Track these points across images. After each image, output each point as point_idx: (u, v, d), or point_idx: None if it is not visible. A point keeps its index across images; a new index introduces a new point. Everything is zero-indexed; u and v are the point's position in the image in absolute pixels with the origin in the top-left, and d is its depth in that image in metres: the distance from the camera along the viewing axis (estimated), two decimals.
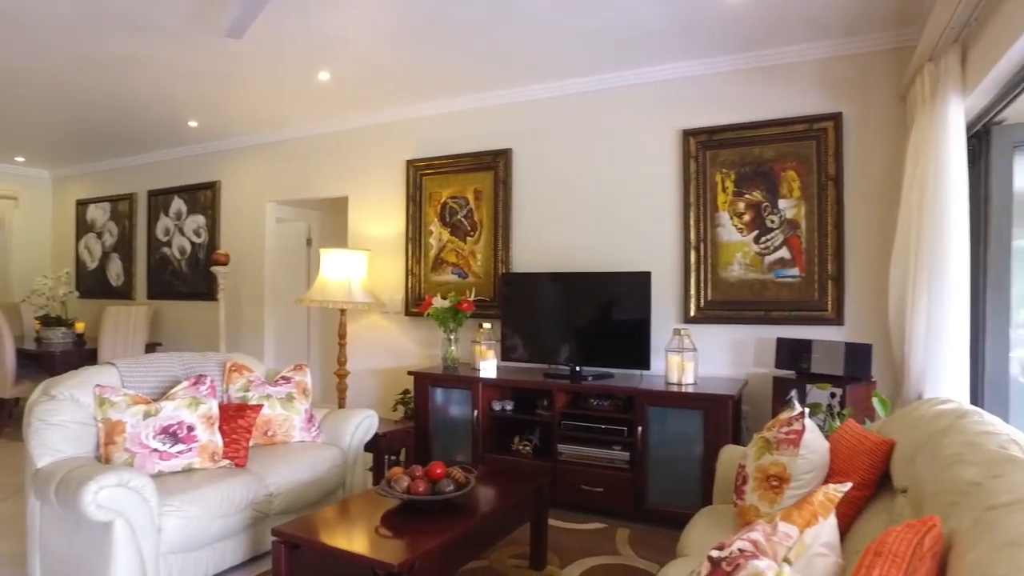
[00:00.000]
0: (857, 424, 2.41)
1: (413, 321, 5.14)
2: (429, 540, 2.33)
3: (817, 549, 1.37)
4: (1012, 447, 1.59)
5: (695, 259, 4.05)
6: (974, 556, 1.18)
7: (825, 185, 3.75)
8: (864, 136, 3.71)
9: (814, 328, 3.75)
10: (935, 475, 1.72)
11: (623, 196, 4.34)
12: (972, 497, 1.43)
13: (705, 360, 3.99)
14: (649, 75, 4.24)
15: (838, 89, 3.77)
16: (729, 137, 3.99)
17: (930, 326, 2.97)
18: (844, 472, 2.22)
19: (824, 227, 3.75)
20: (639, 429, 3.66)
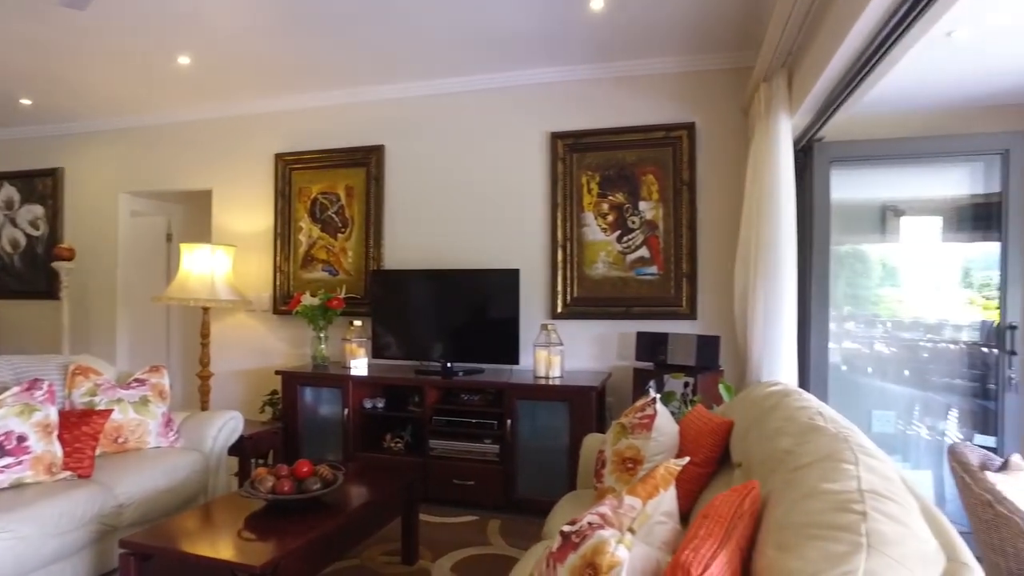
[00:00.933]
0: (704, 408, 2.64)
1: (282, 319, 4.97)
2: (294, 539, 2.29)
3: (658, 518, 1.51)
4: (817, 418, 1.82)
5: (562, 257, 4.23)
6: (780, 510, 1.34)
7: (680, 189, 4.05)
8: (714, 145, 4.05)
9: (671, 322, 4.03)
10: (761, 447, 1.93)
11: (494, 195, 4.45)
12: (784, 462, 1.62)
13: (572, 354, 4.18)
14: (520, 78, 4.37)
15: (692, 101, 4.09)
16: (595, 141, 4.21)
17: (766, 319, 3.29)
18: (691, 451, 2.42)
19: (680, 228, 4.04)
20: (508, 422, 3.77)
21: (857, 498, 1.24)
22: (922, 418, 3.92)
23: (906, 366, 3.87)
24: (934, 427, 3.88)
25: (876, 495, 1.26)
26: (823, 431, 1.70)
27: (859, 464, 1.41)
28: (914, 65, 3.05)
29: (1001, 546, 2.16)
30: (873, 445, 1.67)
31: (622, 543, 1.27)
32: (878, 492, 1.28)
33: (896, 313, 3.94)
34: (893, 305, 3.96)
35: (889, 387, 3.88)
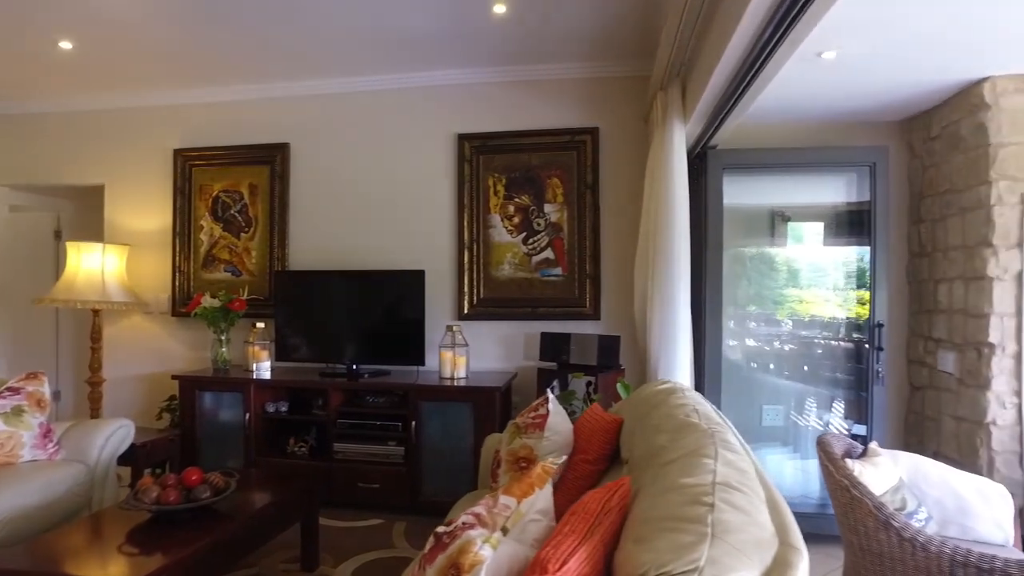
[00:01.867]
0: (600, 408, 2.72)
1: (181, 322, 4.76)
2: (179, 550, 2.21)
3: (532, 516, 1.55)
4: (692, 415, 1.92)
5: (469, 258, 4.26)
6: (644, 503, 1.42)
7: (584, 192, 4.15)
8: (617, 150, 4.18)
9: (575, 323, 4.13)
10: (643, 443, 2.01)
11: (402, 196, 4.42)
12: (657, 457, 1.70)
13: (479, 355, 4.21)
14: (428, 79, 4.36)
15: (596, 106, 4.20)
16: (501, 143, 4.26)
17: (663, 319, 3.43)
18: (585, 449, 2.49)
19: (583, 231, 4.15)
20: (413, 424, 3.76)
21: (709, 491, 1.32)
22: (811, 411, 4.18)
23: (799, 362, 4.12)
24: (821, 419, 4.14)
25: (727, 487, 1.35)
26: (695, 428, 1.80)
27: (718, 459, 1.50)
28: (795, 81, 3.25)
29: (855, 526, 2.34)
30: (738, 440, 1.78)
31: (488, 542, 1.30)
32: (730, 484, 1.37)
33: (796, 312, 4.19)
34: (795, 305, 4.20)
35: (783, 383, 4.12)
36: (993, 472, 3.20)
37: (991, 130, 3.20)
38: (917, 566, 2.23)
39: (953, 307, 3.53)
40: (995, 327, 3.21)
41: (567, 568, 1.20)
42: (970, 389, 3.36)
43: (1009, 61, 3.06)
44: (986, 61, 3.07)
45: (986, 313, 3.23)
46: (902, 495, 2.54)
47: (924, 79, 3.29)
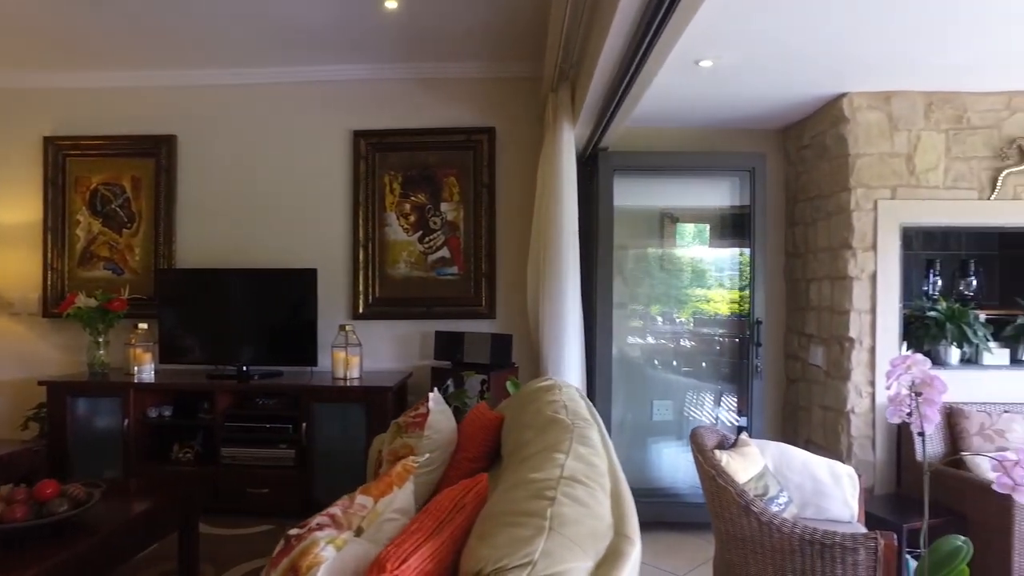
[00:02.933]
0: (485, 405, 2.75)
1: (54, 324, 4.45)
2: (25, 571, 2.06)
3: (389, 515, 1.55)
4: (561, 412, 1.97)
5: (364, 257, 4.20)
6: (493, 499, 1.44)
7: (481, 192, 4.17)
8: (513, 150, 4.22)
9: (471, 322, 4.15)
10: (514, 438, 2.05)
11: (296, 193, 4.31)
12: (519, 453, 1.74)
13: (374, 354, 4.16)
14: (324, 74, 4.26)
15: (492, 106, 4.23)
16: (398, 141, 4.22)
17: (553, 317, 3.49)
18: (467, 448, 2.50)
19: (479, 230, 4.17)
20: (304, 426, 3.67)
21: (553, 485, 1.36)
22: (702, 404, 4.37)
23: (691, 358, 4.29)
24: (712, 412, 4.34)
25: (572, 481, 1.39)
26: (559, 424, 1.85)
27: (570, 454, 1.54)
28: (678, 87, 3.39)
29: (722, 512, 2.48)
30: (600, 436, 1.84)
31: (333, 543, 1.29)
32: (575, 478, 1.41)
33: (689, 310, 4.36)
34: (689, 303, 4.37)
35: (675, 378, 4.29)
36: (851, 456, 3.46)
37: (850, 142, 3.45)
38: (774, 547, 2.38)
39: (821, 305, 3.78)
40: (854, 323, 3.47)
41: (407, 566, 1.21)
42: (834, 381, 3.61)
43: (862, 79, 3.31)
44: (844, 78, 3.30)
45: (847, 310, 3.48)
46: (765, 482, 2.70)
47: (795, 92, 3.50)
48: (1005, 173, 3.47)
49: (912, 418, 1.94)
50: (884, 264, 3.45)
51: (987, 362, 3.55)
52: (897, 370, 1.91)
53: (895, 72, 3.22)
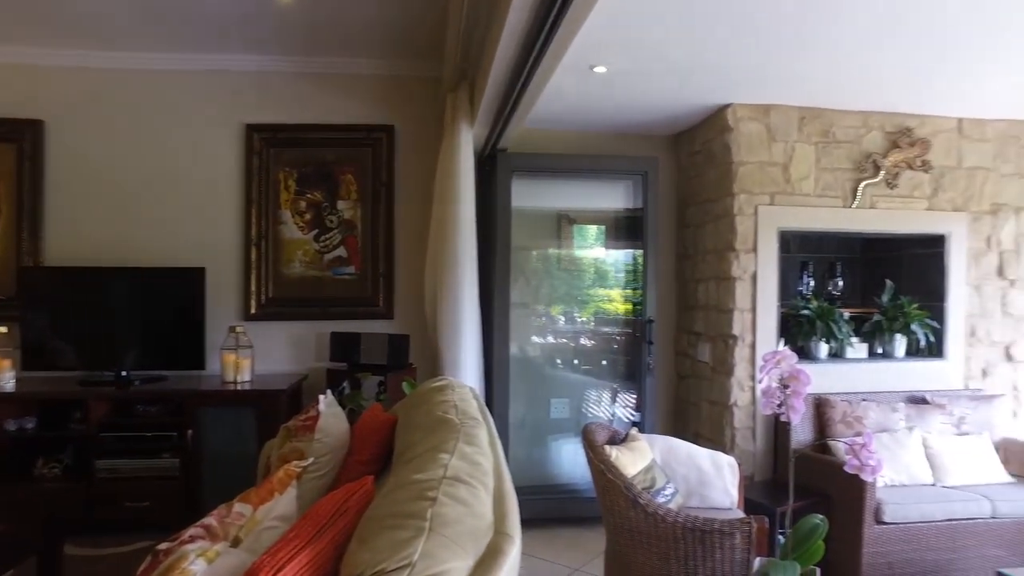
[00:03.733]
0: (379, 407, 2.71)
1: None
2: None
3: (269, 523, 1.50)
4: (451, 412, 1.97)
5: (256, 256, 4.03)
6: (375, 502, 1.42)
7: (379, 190, 4.11)
8: (412, 149, 4.18)
9: (368, 322, 4.07)
10: (404, 440, 2.03)
11: (182, 187, 4.07)
12: (406, 454, 1.73)
13: (268, 357, 4.00)
14: (214, 63, 4.06)
15: (392, 104, 4.17)
16: (294, 137, 4.08)
17: (450, 317, 3.49)
18: (360, 450, 2.45)
19: (377, 229, 4.11)
20: (190, 433, 3.48)
21: (435, 485, 1.36)
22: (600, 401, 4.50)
23: (590, 356, 4.41)
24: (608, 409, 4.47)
25: (454, 480, 1.39)
26: (447, 424, 1.84)
27: (455, 453, 1.54)
28: (574, 91, 3.47)
29: (611, 505, 2.56)
30: (488, 435, 1.86)
31: (204, 556, 1.23)
32: (458, 478, 1.41)
33: (588, 309, 4.48)
34: (589, 303, 4.48)
35: (573, 376, 4.39)
36: (734, 446, 3.67)
37: (733, 150, 3.66)
38: (660, 536, 2.49)
39: (708, 304, 3.99)
40: (737, 321, 3.68)
41: (282, 575, 1.17)
42: (720, 376, 3.82)
43: (745, 92, 3.52)
44: (729, 90, 3.50)
45: (730, 308, 3.69)
46: (653, 474, 2.82)
47: (685, 101, 3.67)
48: (864, 184, 3.79)
49: (782, 409, 2.08)
50: (764, 265, 3.69)
51: (850, 356, 3.87)
52: (768, 365, 2.04)
53: (773, 87, 3.44)
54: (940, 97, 3.63)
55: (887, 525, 3.02)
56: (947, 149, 3.93)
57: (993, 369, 4.06)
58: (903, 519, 3.04)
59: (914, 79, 3.34)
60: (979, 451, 3.47)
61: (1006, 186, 4.04)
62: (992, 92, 3.54)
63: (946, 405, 3.67)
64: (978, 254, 4.01)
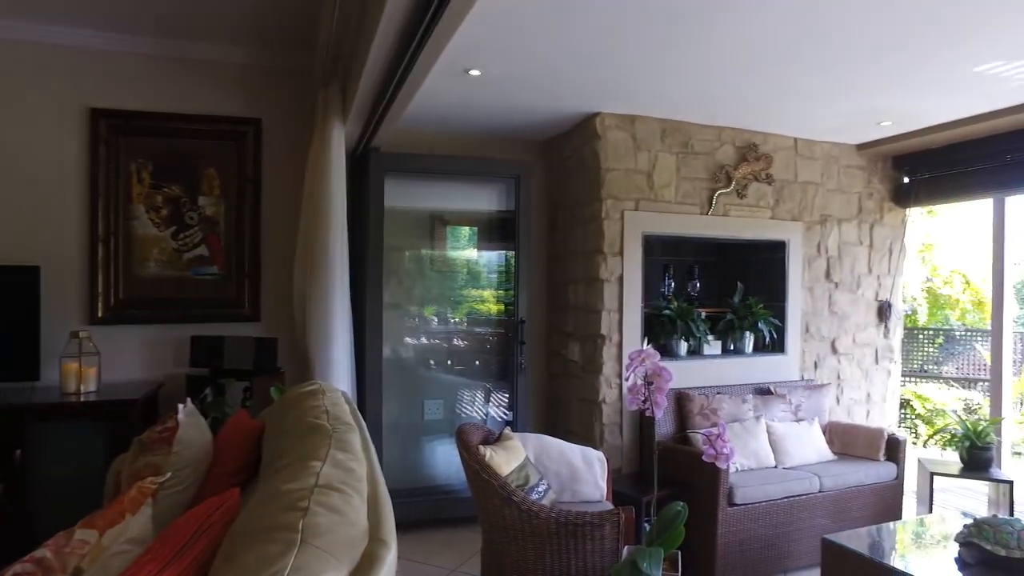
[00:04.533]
0: (245, 414, 2.57)
1: None
2: None
3: (119, 547, 1.38)
4: (322, 417, 1.92)
5: (104, 254, 3.69)
6: (242, 515, 1.36)
7: (244, 186, 3.90)
8: (282, 144, 4.00)
9: (233, 325, 3.85)
10: (273, 448, 1.95)
11: (11, 176, 3.63)
12: (277, 463, 1.66)
13: (118, 364, 3.67)
14: (53, 35, 3.63)
15: (260, 96, 3.97)
16: (148, 125, 3.77)
17: (321, 319, 3.38)
18: (226, 461, 2.32)
19: (243, 227, 3.90)
20: (18, 453, 3.12)
21: (307, 494, 1.31)
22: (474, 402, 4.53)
23: (465, 357, 4.43)
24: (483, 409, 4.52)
25: (327, 489, 1.36)
26: (318, 430, 1.79)
27: (327, 460, 1.50)
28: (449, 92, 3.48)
29: (486, 504, 2.60)
30: (361, 440, 1.83)
31: None
32: (331, 486, 1.38)
33: (463, 310, 4.49)
34: (463, 304, 4.49)
35: (448, 377, 4.39)
36: (603, 441, 3.84)
37: (601, 157, 3.83)
38: (534, 532, 2.56)
39: (578, 304, 4.14)
40: (605, 321, 3.85)
41: None
42: (589, 374, 3.98)
43: (612, 102, 3.70)
44: (598, 100, 3.66)
45: (599, 309, 3.86)
46: (526, 472, 2.89)
47: (557, 107, 3.79)
48: (718, 193, 4.12)
49: (646, 404, 2.21)
50: (629, 268, 3.89)
51: (707, 352, 4.18)
52: (634, 364, 2.16)
53: (639, 99, 3.65)
54: (780, 119, 4.03)
55: (738, 506, 3.29)
56: (786, 164, 4.36)
57: (822, 361, 4.55)
58: (751, 500, 3.33)
59: (761, 103, 3.69)
60: (811, 434, 3.87)
61: (831, 199, 4.54)
62: (820, 119, 4.00)
63: (786, 395, 4.06)
64: (811, 259, 4.48)
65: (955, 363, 7.87)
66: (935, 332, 8.08)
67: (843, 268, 4.62)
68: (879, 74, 3.20)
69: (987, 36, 2.73)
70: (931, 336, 8.07)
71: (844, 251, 4.62)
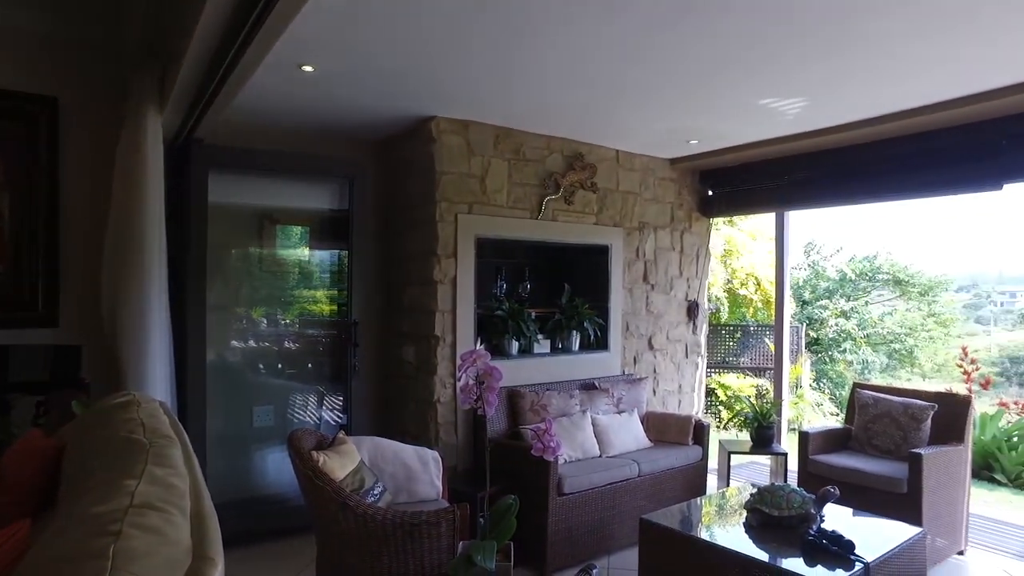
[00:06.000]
0: (39, 433, 2.30)
1: None
2: None
3: None
4: (137, 431, 1.77)
5: None
6: (36, 548, 1.23)
7: (37, 175, 3.45)
8: (83, 129, 3.57)
9: (22, 331, 3.38)
10: (77, 468, 1.77)
11: None
12: (83, 484, 1.51)
13: None
14: None
15: (55, 71, 3.50)
16: None
17: (135, 324, 3.09)
18: (11, 489, 2.06)
19: (35, 220, 3.44)
20: None
21: (119, 516, 1.22)
22: (308, 406, 4.37)
23: (299, 360, 4.25)
24: (317, 413, 4.37)
25: (144, 508, 1.27)
26: (134, 445, 1.66)
27: (143, 478, 1.40)
28: (280, 87, 3.33)
29: (320, 511, 2.55)
30: (182, 454, 1.72)
31: None
32: (149, 504, 1.29)
33: (296, 312, 4.30)
34: (297, 305, 4.30)
35: (280, 382, 4.19)
36: (439, 440, 3.90)
37: (436, 160, 3.89)
38: (370, 535, 2.55)
39: (413, 306, 4.16)
40: (439, 322, 3.91)
41: None
42: (424, 375, 4.02)
43: (447, 107, 3.77)
44: (433, 103, 3.70)
45: (433, 310, 3.91)
46: (361, 475, 2.87)
47: (393, 109, 3.77)
48: (547, 199, 4.35)
49: (478, 403, 2.29)
50: (462, 270, 3.98)
51: (537, 351, 4.39)
52: (465, 364, 2.23)
53: (473, 106, 3.74)
54: (605, 132, 4.34)
55: (567, 495, 3.50)
56: (609, 174, 4.70)
57: (641, 357, 4.98)
58: (579, 488, 3.55)
59: (588, 116, 3.95)
60: (631, 425, 4.22)
61: (648, 208, 4.98)
62: (639, 134, 4.37)
63: (609, 389, 4.38)
64: (630, 262, 4.88)
65: (750, 355, 8.96)
66: (734, 328, 9.14)
67: (658, 271, 5.08)
68: (689, 99, 3.57)
69: (768, 75, 3.16)
70: (731, 331, 9.11)
71: (659, 256, 5.08)
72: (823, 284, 12.92)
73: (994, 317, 21.24)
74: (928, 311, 13.02)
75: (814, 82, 3.26)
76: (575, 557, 3.53)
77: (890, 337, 12.51)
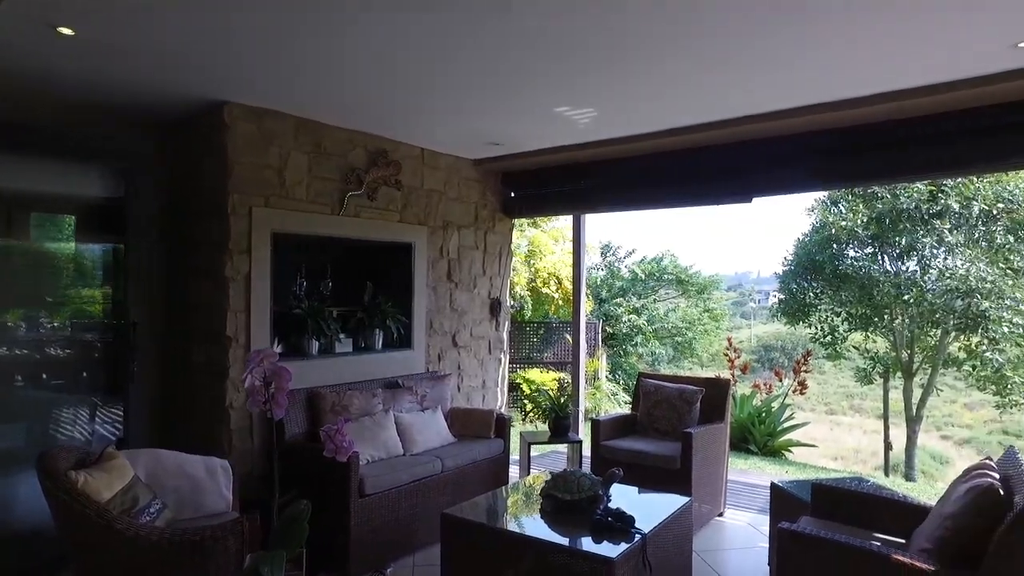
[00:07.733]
0: None
1: None
2: None
3: None
4: None
5: None
6: None
7: None
8: None
9: None
10: None
11: None
12: None
13: None
14: None
15: None
16: None
17: None
18: None
19: None
20: None
21: None
22: (75, 421, 3.83)
23: (68, 368, 3.71)
24: (86, 427, 3.85)
25: None
26: None
27: None
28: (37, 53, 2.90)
29: (82, 540, 2.26)
30: None
31: None
32: None
33: (76, 313, 3.75)
34: (82, 307, 3.74)
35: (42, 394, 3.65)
36: (232, 447, 3.64)
37: (229, 149, 3.62)
38: (146, 560, 2.31)
39: (202, 304, 3.84)
40: (231, 321, 3.65)
41: None
42: (215, 378, 3.72)
43: (241, 92, 3.52)
44: (226, 87, 3.43)
45: (224, 309, 3.64)
46: (134, 493, 2.58)
47: (179, 90, 3.43)
48: (349, 195, 4.25)
49: (268, 406, 2.17)
50: (257, 266, 3.75)
51: (339, 350, 4.27)
52: (252, 364, 2.10)
53: (267, 93, 3.53)
54: (410, 130, 4.34)
55: (370, 496, 3.44)
56: (414, 172, 4.71)
57: (445, 354, 5.05)
58: (382, 488, 3.51)
59: (391, 112, 3.91)
60: (435, 421, 4.26)
61: (452, 207, 5.07)
62: (442, 134, 4.43)
63: (413, 387, 4.39)
64: (434, 261, 4.93)
65: (553, 350, 9.50)
66: (538, 324, 9.62)
67: (462, 269, 5.18)
68: (488, 102, 3.68)
69: (564, 85, 3.37)
70: (535, 328, 9.59)
71: (463, 254, 5.18)
72: (618, 283, 14.11)
73: (754, 312, 24.79)
74: (704, 307, 14.80)
75: (603, 95, 3.53)
76: (381, 558, 3.49)
77: (674, 331, 14.01)
